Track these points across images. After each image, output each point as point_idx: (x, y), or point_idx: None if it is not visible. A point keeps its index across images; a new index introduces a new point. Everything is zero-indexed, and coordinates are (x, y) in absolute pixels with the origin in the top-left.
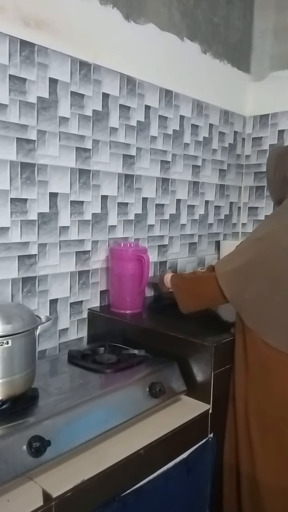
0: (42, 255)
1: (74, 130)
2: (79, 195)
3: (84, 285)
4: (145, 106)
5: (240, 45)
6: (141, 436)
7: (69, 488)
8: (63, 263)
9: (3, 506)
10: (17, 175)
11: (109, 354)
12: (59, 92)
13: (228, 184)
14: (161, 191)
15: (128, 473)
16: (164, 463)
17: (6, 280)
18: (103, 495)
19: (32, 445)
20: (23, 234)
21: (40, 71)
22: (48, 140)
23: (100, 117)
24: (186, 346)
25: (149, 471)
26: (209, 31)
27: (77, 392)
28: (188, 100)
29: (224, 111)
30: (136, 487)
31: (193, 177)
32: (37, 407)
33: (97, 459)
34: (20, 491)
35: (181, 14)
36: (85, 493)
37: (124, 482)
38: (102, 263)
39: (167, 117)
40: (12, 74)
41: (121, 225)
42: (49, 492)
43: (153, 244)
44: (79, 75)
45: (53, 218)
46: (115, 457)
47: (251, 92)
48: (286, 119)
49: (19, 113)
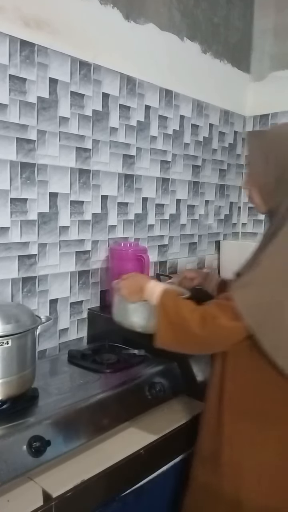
0: (42, 255)
1: (74, 130)
2: (79, 195)
3: (84, 285)
4: (145, 106)
5: (240, 45)
6: (141, 436)
7: (69, 488)
8: (63, 263)
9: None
10: (17, 175)
11: (109, 354)
12: (59, 92)
13: (228, 184)
14: (161, 191)
15: (128, 473)
16: (164, 463)
17: (6, 280)
18: (103, 495)
19: (32, 445)
20: (23, 234)
21: (40, 71)
22: (48, 140)
23: (100, 117)
24: None
25: (149, 471)
26: (209, 31)
27: (77, 392)
28: (188, 100)
29: (224, 111)
30: (136, 487)
31: (193, 177)
32: (37, 407)
33: (97, 459)
34: (20, 491)
35: (181, 14)
36: (85, 493)
37: (124, 482)
38: (102, 263)
39: (167, 117)
40: (12, 74)
41: (121, 225)
42: (49, 492)
43: (153, 244)
44: (79, 75)
45: (53, 218)
46: (115, 457)
47: (251, 92)
48: (286, 119)
49: (19, 113)
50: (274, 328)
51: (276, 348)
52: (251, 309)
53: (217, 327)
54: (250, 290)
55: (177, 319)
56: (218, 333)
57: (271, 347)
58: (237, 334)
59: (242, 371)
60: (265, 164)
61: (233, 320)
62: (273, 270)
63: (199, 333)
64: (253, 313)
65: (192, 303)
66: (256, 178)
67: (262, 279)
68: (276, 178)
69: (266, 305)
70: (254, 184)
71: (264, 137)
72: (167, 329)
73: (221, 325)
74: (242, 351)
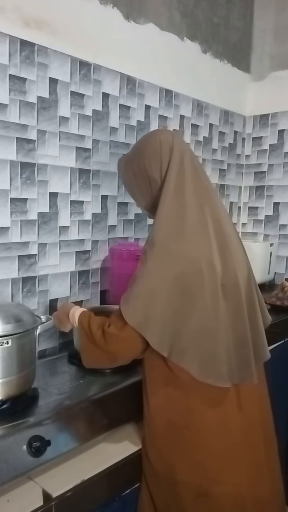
0: (42, 255)
1: (74, 130)
2: (79, 195)
3: (84, 285)
4: (145, 106)
5: (240, 45)
6: (141, 436)
7: (69, 488)
8: (63, 263)
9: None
10: (17, 175)
11: None
12: (59, 92)
13: (228, 184)
14: None
15: (128, 473)
16: None
17: (6, 280)
18: (103, 495)
19: (32, 445)
20: (23, 234)
21: (40, 71)
22: (48, 140)
23: (100, 117)
24: None
25: None
26: (209, 31)
27: (77, 392)
28: (188, 100)
29: (224, 111)
30: (136, 487)
31: None
32: (37, 407)
33: (97, 459)
34: (20, 491)
35: (181, 14)
36: (85, 493)
37: (124, 482)
38: (102, 263)
39: (167, 117)
40: (12, 74)
41: (121, 225)
42: (49, 492)
43: None
44: (79, 75)
45: (53, 218)
46: (115, 457)
47: (251, 92)
48: (286, 119)
49: (19, 113)
50: (156, 322)
51: (161, 341)
52: (131, 310)
53: (113, 336)
54: (128, 293)
55: (90, 337)
56: (116, 343)
57: (156, 342)
58: (132, 340)
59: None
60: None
61: (123, 326)
62: (145, 270)
63: (103, 347)
64: (133, 312)
65: (104, 318)
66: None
67: (138, 279)
68: (145, 178)
69: (142, 300)
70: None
71: (121, 165)
72: (87, 349)
73: (115, 334)
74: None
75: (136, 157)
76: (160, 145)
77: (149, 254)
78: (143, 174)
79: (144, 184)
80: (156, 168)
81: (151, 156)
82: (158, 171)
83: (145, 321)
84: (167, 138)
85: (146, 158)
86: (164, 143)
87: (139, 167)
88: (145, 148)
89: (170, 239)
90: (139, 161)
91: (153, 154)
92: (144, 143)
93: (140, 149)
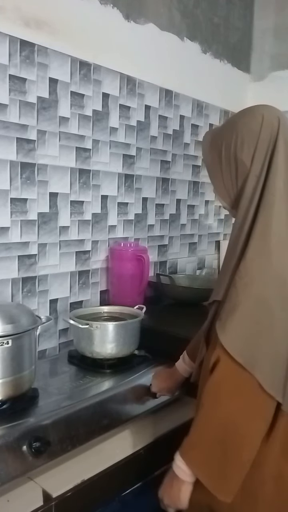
0: (42, 255)
1: (74, 130)
2: (79, 195)
3: (84, 285)
4: (145, 106)
5: (240, 45)
6: (141, 436)
7: (69, 488)
8: (63, 263)
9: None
10: (17, 175)
11: None
12: (59, 92)
13: None
14: (161, 191)
15: (128, 473)
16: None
17: (6, 280)
18: (103, 495)
19: (32, 445)
20: (23, 234)
21: (40, 71)
22: (48, 140)
23: (100, 117)
24: (187, 345)
25: (149, 471)
26: (209, 31)
27: (77, 392)
28: (188, 100)
29: (224, 111)
30: (136, 487)
31: (193, 177)
32: (37, 407)
33: (97, 459)
34: (20, 491)
35: (181, 14)
36: (85, 493)
37: (124, 482)
38: (102, 263)
39: (167, 117)
40: (12, 74)
41: (121, 225)
42: (49, 492)
43: (153, 244)
44: (79, 75)
45: (53, 218)
46: (115, 457)
47: (251, 92)
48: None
49: (19, 113)
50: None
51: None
52: (239, 350)
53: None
54: (233, 331)
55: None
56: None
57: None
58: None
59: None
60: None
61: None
62: (248, 292)
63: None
64: (242, 352)
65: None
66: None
67: (241, 307)
68: (232, 164)
69: (254, 338)
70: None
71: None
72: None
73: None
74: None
75: (227, 134)
76: (261, 123)
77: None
78: (231, 158)
79: (229, 169)
80: (254, 156)
81: (246, 137)
82: (260, 162)
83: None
84: (272, 116)
85: (239, 138)
86: (267, 121)
87: (228, 148)
88: (242, 126)
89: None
90: (229, 140)
91: (250, 134)
92: (242, 117)
93: (234, 124)
